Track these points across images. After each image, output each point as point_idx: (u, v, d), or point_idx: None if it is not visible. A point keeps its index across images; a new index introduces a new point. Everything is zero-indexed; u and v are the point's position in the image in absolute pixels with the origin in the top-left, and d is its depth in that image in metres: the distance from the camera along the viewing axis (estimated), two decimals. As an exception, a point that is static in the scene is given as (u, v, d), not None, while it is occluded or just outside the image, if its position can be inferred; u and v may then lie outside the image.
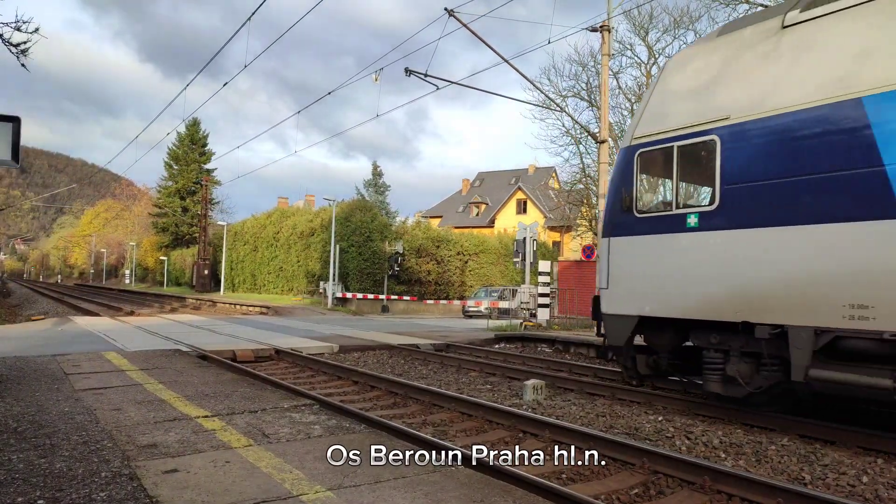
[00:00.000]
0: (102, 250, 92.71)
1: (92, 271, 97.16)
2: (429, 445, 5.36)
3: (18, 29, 7.84)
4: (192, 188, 65.78)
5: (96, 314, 24.34)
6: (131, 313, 24.45)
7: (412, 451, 4.80)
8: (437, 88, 17.04)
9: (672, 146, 7.30)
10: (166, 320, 19.57)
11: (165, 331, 15.00)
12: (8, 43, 7.83)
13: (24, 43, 7.90)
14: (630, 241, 7.75)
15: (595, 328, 8.53)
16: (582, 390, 8.94)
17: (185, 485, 3.92)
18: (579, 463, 5.45)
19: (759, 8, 18.53)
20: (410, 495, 3.80)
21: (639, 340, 8.03)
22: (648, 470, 5.14)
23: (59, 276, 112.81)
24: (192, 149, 67.77)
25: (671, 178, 7.42)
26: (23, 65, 8.03)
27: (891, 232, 5.44)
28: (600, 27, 16.53)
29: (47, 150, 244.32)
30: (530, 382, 8.25)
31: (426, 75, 16.24)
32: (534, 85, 19.41)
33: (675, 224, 7.20)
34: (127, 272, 78.92)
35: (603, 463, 5.46)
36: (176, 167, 67.86)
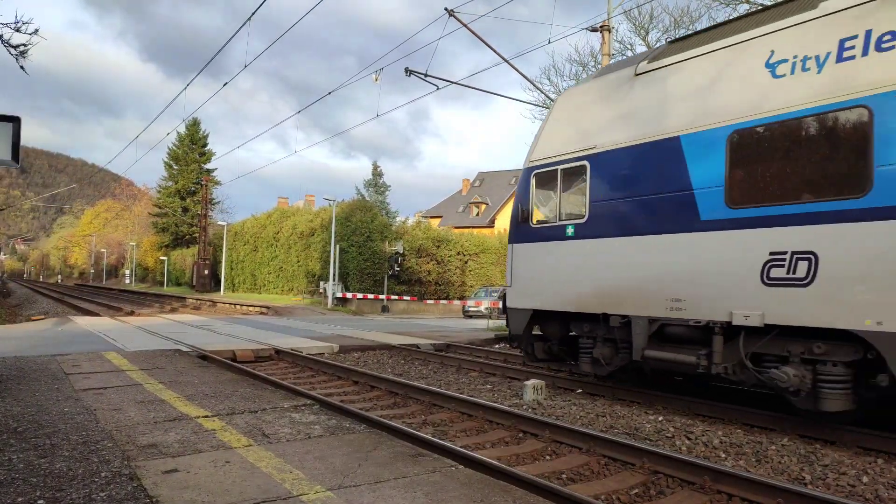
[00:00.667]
0: (102, 250, 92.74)
1: (92, 271, 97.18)
2: (429, 445, 5.37)
3: (18, 30, 7.80)
4: (192, 188, 65.78)
5: (96, 314, 24.33)
6: (131, 313, 24.44)
7: (412, 451, 4.81)
8: (437, 88, 17.04)
9: (557, 168, 8.81)
10: (166, 320, 19.56)
11: (165, 331, 15.00)
12: (7, 44, 7.79)
13: (24, 45, 7.87)
14: (527, 247, 9.27)
15: (505, 320, 9.90)
16: (582, 390, 8.93)
17: (185, 485, 3.92)
18: (579, 463, 5.46)
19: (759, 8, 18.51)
20: (410, 495, 3.80)
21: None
22: (648, 470, 5.14)
23: (60, 276, 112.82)
24: (192, 149, 67.78)
25: (557, 195, 8.87)
26: (21, 67, 7.99)
27: (696, 242, 6.95)
28: (600, 27, 16.52)
29: (47, 150, 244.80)
30: (530, 382, 8.25)
31: (426, 75, 16.23)
32: (534, 85, 19.40)
33: (558, 233, 8.74)
34: (127, 272, 78.95)
35: (603, 463, 5.47)
36: (176, 167, 67.86)
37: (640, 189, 7.63)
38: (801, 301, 6.02)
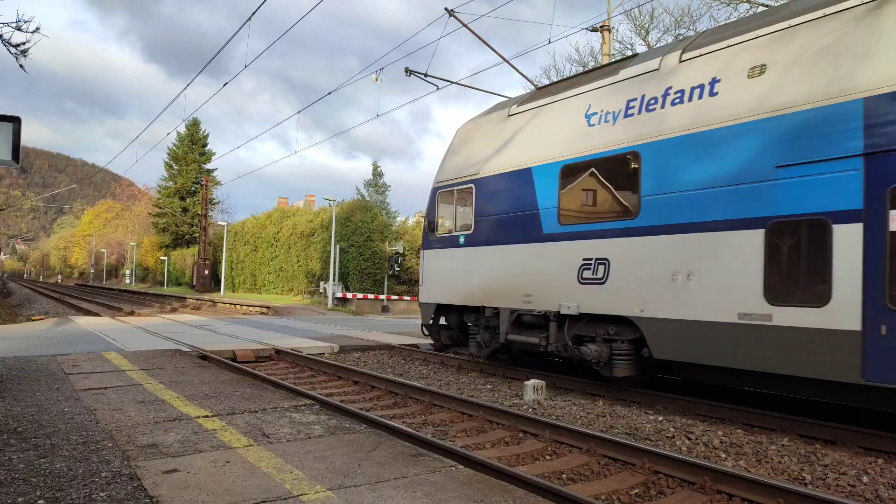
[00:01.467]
0: (102, 250, 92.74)
1: (92, 271, 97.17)
2: (429, 445, 5.37)
3: (19, 29, 7.79)
4: (193, 188, 65.79)
5: (96, 314, 24.33)
6: (131, 313, 24.44)
7: (413, 451, 4.81)
8: (438, 88, 17.03)
9: (454, 189, 10.92)
10: (166, 320, 19.56)
11: (166, 331, 15.00)
12: (8, 43, 7.78)
13: (25, 43, 7.85)
14: (433, 253, 11.43)
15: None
16: (582, 390, 8.93)
17: (186, 485, 3.92)
18: (579, 463, 5.46)
19: (760, 8, 18.50)
20: (410, 495, 3.80)
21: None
22: (649, 470, 5.14)
23: (60, 277, 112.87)
24: (191, 149, 67.77)
25: (454, 211, 10.97)
26: (21, 66, 7.97)
27: (540, 250, 9.02)
28: (601, 27, 16.53)
29: (48, 150, 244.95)
30: (530, 382, 8.25)
31: (426, 75, 16.21)
32: (534, 85, 19.38)
33: (454, 242, 10.82)
34: (127, 272, 78.96)
35: (603, 463, 5.47)
36: (176, 167, 67.86)
37: (506, 208, 9.74)
38: (600, 295, 8.10)
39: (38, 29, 7.87)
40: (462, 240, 10.57)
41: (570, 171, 8.66)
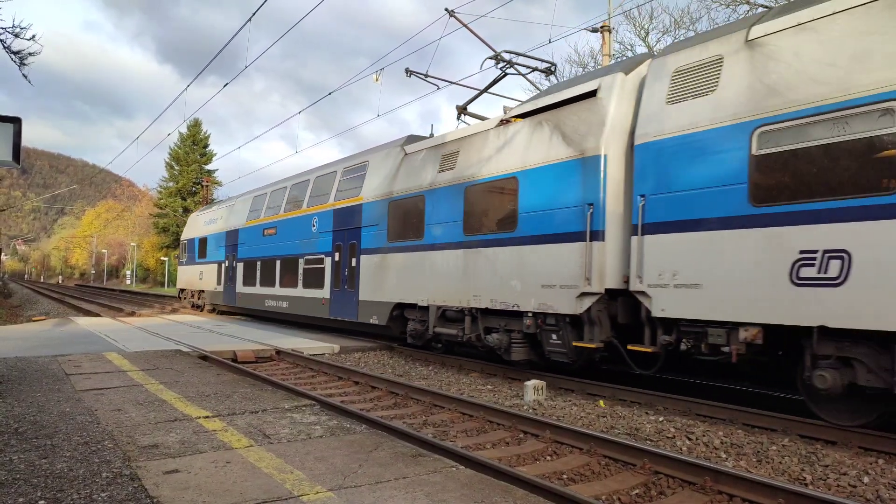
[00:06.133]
0: (103, 251, 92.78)
1: (93, 272, 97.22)
2: (430, 446, 5.37)
3: (17, 35, 7.77)
4: (193, 188, 65.85)
5: (97, 315, 24.32)
6: (132, 314, 24.43)
7: (413, 452, 4.81)
8: (438, 88, 17.06)
9: (195, 239, 24.91)
10: (167, 321, 19.57)
11: (166, 331, 15.01)
12: (9, 50, 7.77)
13: (25, 52, 7.84)
14: (182, 267, 27.05)
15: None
16: (583, 390, 8.93)
17: (186, 485, 3.92)
18: (580, 463, 5.46)
19: (760, 9, 18.48)
20: (411, 495, 3.80)
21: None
22: (649, 470, 5.14)
23: (60, 277, 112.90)
24: (192, 149, 67.81)
25: (186, 249, 26.07)
26: (24, 75, 7.97)
27: (204, 266, 24.01)
28: (601, 28, 16.53)
29: (48, 151, 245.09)
30: (531, 383, 8.25)
31: (426, 75, 16.22)
32: (533, 85, 19.35)
33: (184, 263, 26.53)
34: (128, 273, 79.02)
35: (604, 463, 5.47)
36: (177, 168, 67.89)
37: (195, 249, 24.27)
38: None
39: (34, 36, 7.86)
40: (185, 261, 24.98)
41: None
